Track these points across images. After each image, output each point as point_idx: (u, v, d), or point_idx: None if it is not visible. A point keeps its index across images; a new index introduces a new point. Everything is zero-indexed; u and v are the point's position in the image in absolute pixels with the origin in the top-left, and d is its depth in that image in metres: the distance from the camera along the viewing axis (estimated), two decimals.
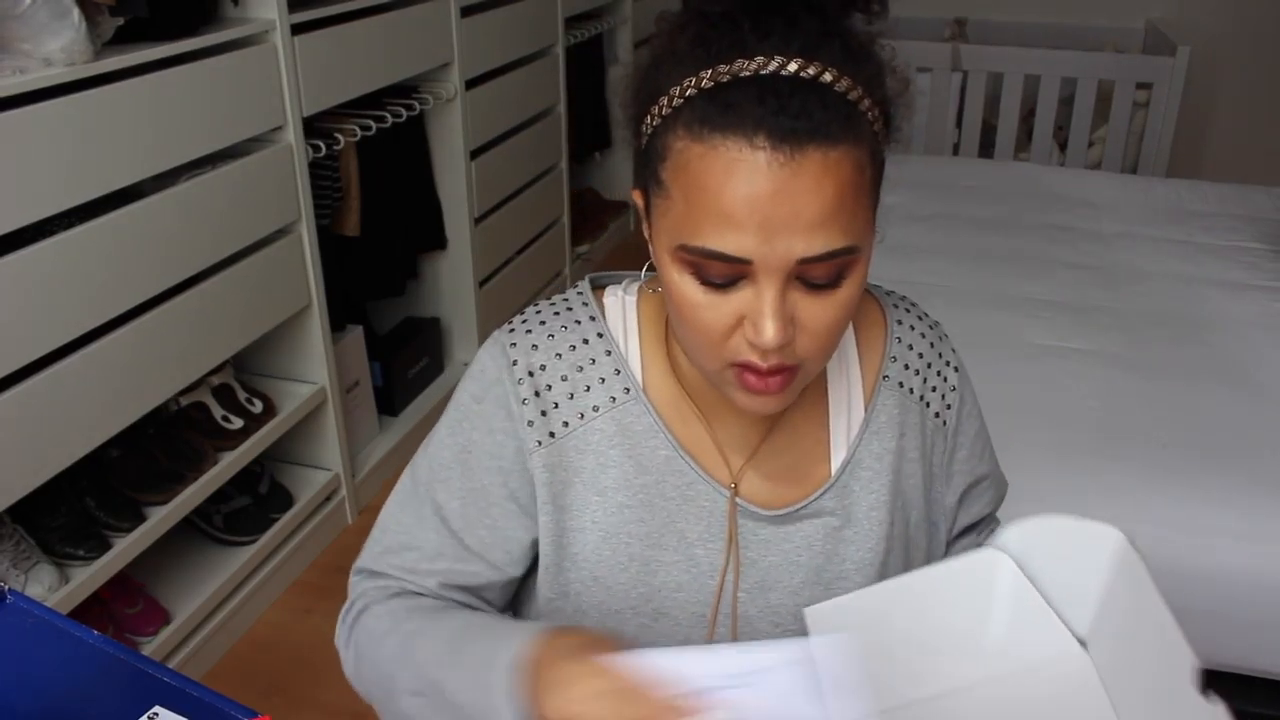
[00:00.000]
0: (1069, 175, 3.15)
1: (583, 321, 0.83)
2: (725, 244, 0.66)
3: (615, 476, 0.81)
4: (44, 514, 1.76)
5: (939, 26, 4.23)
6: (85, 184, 1.59)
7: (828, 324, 0.70)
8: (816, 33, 0.67)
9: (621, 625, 0.82)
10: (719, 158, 0.65)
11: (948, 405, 0.88)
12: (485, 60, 2.79)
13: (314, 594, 2.20)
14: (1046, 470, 1.63)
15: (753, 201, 0.64)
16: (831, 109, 0.65)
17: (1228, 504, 1.57)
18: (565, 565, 0.83)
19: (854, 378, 0.86)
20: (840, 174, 0.65)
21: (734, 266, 0.67)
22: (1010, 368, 1.92)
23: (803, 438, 0.84)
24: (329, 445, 2.37)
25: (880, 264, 2.63)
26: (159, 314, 1.78)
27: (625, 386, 0.82)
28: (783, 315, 0.68)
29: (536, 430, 0.81)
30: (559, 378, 0.81)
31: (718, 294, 0.69)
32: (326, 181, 2.33)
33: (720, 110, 0.65)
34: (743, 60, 0.66)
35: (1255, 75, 3.98)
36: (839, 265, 0.68)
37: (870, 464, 0.84)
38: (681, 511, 0.82)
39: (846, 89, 0.66)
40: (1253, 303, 2.21)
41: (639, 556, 0.82)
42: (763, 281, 0.67)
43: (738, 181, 0.64)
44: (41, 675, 0.76)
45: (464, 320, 2.91)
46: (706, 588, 0.82)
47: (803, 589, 0.83)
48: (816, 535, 0.83)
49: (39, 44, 1.50)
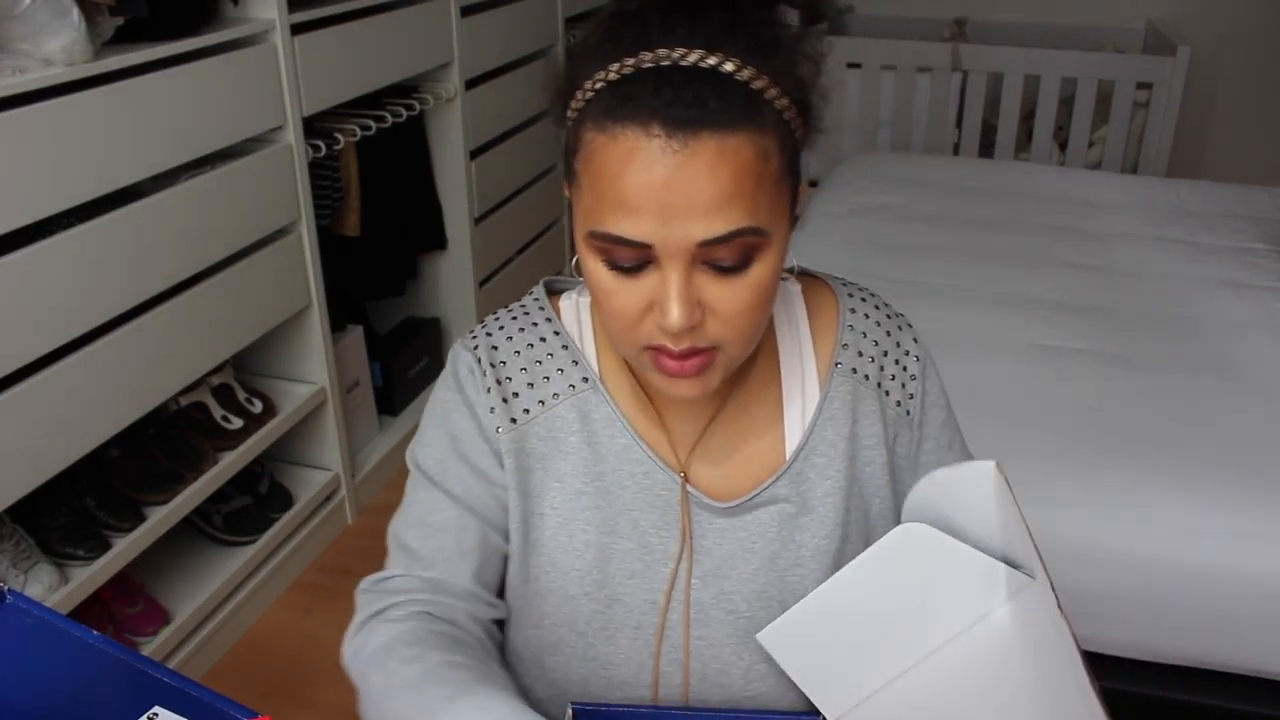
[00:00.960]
0: (1069, 175, 3.14)
1: (539, 323, 0.87)
2: (626, 229, 0.69)
3: (573, 463, 0.84)
4: (44, 514, 1.76)
5: (939, 26, 4.23)
6: (85, 184, 1.60)
7: (739, 307, 0.72)
8: (722, 26, 0.69)
9: (577, 611, 0.84)
10: (619, 146, 0.68)
11: (910, 395, 0.89)
12: (485, 60, 2.80)
13: (314, 594, 2.20)
14: (1046, 470, 1.63)
15: (649, 187, 0.67)
16: (729, 97, 0.67)
17: (1227, 504, 1.57)
18: (528, 551, 0.85)
19: (809, 366, 0.87)
20: (738, 159, 0.68)
21: (638, 251, 0.70)
22: (1010, 368, 1.92)
23: (756, 424, 0.86)
24: (329, 445, 2.37)
25: (881, 264, 2.63)
26: (159, 314, 1.78)
27: (583, 376, 0.85)
28: (687, 298, 0.70)
29: (498, 416, 0.84)
30: (519, 369, 0.85)
31: (627, 278, 0.72)
32: (326, 181, 2.33)
33: (620, 101, 0.68)
34: (645, 53, 0.68)
35: (1255, 75, 3.98)
36: (743, 246, 0.70)
37: (825, 450, 0.85)
38: (637, 500, 0.84)
39: (749, 78, 0.68)
40: (1253, 303, 2.21)
41: (595, 543, 0.84)
42: (666, 265, 0.70)
43: (635, 169, 0.67)
44: (41, 675, 0.76)
45: (464, 320, 2.91)
46: (660, 575, 0.84)
47: (756, 575, 0.84)
48: (771, 523, 0.84)
49: (38, 44, 1.50)
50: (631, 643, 0.85)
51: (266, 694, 1.96)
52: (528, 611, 0.87)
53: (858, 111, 3.92)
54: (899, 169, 3.13)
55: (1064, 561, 1.58)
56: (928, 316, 2.25)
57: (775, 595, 0.84)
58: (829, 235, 2.58)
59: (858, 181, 2.99)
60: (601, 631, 0.85)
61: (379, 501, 2.52)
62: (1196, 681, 1.60)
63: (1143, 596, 1.56)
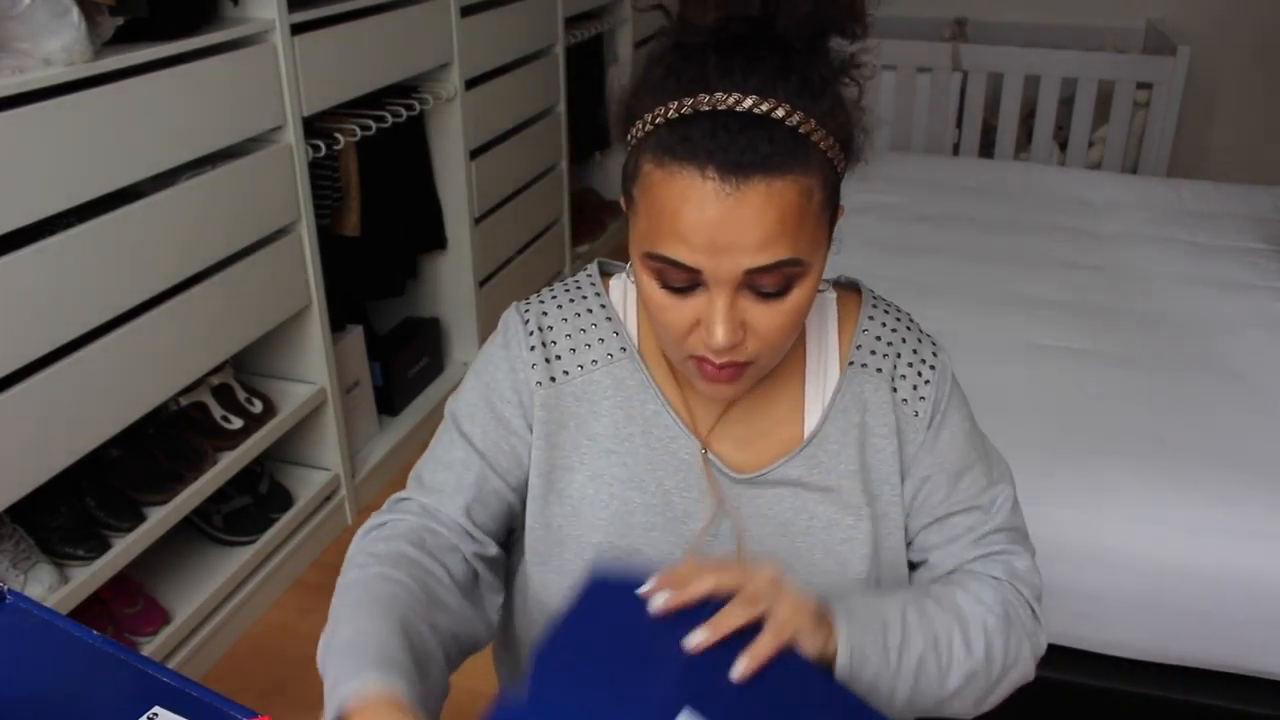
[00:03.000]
0: (1069, 175, 3.14)
1: (588, 296, 0.95)
2: (680, 254, 0.76)
3: (605, 424, 0.91)
4: (44, 514, 1.76)
5: (939, 26, 4.23)
6: (85, 184, 1.59)
7: (776, 328, 0.79)
8: (775, 69, 0.75)
9: (597, 556, 0.90)
10: (675, 184, 0.74)
11: (921, 397, 0.92)
12: (485, 60, 2.79)
13: (314, 594, 2.20)
14: (1046, 470, 1.63)
15: (702, 225, 0.74)
16: (779, 142, 0.73)
17: (1227, 504, 1.57)
18: (551, 499, 0.92)
19: (831, 363, 0.94)
20: (784, 200, 0.74)
21: (690, 274, 0.77)
22: (1010, 368, 1.92)
23: (778, 410, 0.93)
24: (329, 445, 2.37)
25: (882, 264, 2.64)
26: (159, 314, 1.78)
27: (622, 346, 0.93)
28: (732, 320, 0.77)
29: (538, 372, 0.92)
30: (564, 335, 0.93)
31: (678, 297, 0.79)
32: (326, 181, 2.33)
33: (679, 141, 0.74)
34: (703, 94, 0.74)
35: (1255, 75, 3.98)
36: (785, 275, 0.77)
37: (837, 437, 0.91)
38: (662, 461, 0.91)
39: (798, 123, 0.74)
40: (1253, 303, 2.21)
41: (619, 496, 0.90)
42: (714, 289, 0.77)
43: (690, 207, 0.74)
44: (41, 675, 0.76)
45: (464, 320, 2.91)
46: (678, 531, 0.91)
47: (766, 539, 0.91)
48: (786, 494, 0.91)
49: (38, 44, 1.50)
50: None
51: (266, 694, 1.96)
52: (547, 555, 0.93)
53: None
54: (899, 169, 3.13)
55: (1063, 561, 1.58)
56: (929, 316, 2.24)
57: (784, 559, 0.90)
58: None
59: (858, 182, 2.97)
60: None
61: (379, 501, 2.51)
62: (1196, 681, 1.60)
63: (1143, 596, 1.56)
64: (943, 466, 0.93)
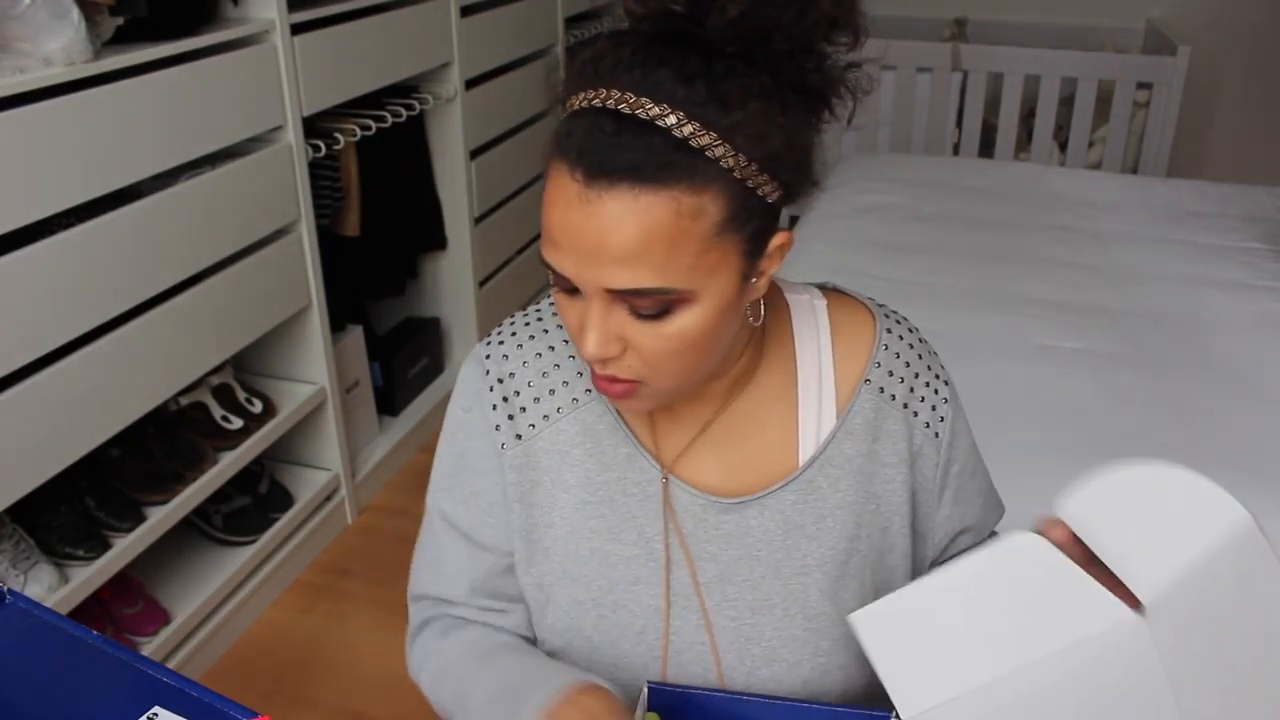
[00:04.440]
0: (1069, 175, 3.14)
1: (550, 329, 0.88)
2: (552, 259, 0.72)
3: (578, 474, 0.86)
4: (44, 514, 1.76)
5: (939, 26, 4.23)
6: (84, 184, 1.59)
7: (660, 351, 0.73)
8: (682, 73, 0.67)
9: (583, 617, 0.86)
10: (552, 182, 0.70)
11: (940, 418, 0.88)
12: (485, 60, 2.79)
13: (314, 594, 2.20)
14: (1046, 470, 1.63)
15: (566, 229, 0.69)
16: (655, 151, 0.66)
17: None
18: (536, 559, 0.87)
19: (827, 380, 0.87)
20: (649, 217, 0.66)
21: (566, 279, 0.72)
22: (1010, 368, 1.92)
23: (766, 429, 0.86)
24: (329, 445, 2.37)
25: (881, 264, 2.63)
26: (159, 313, 1.78)
27: (587, 388, 0.86)
28: (602, 331, 0.72)
29: (503, 434, 0.86)
30: (526, 383, 0.87)
31: (570, 298, 0.74)
32: (326, 181, 2.33)
33: (564, 136, 0.69)
34: (596, 90, 0.68)
35: (1255, 75, 3.98)
36: (658, 302, 0.70)
37: (840, 464, 0.85)
38: (641, 508, 0.85)
39: (690, 134, 0.66)
40: (1253, 303, 2.21)
41: (599, 550, 0.85)
42: (588, 297, 0.72)
43: (557, 208, 0.69)
44: (41, 675, 0.76)
45: (464, 320, 2.91)
46: (664, 581, 0.85)
47: (761, 582, 0.84)
48: (777, 530, 0.84)
49: (38, 44, 1.50)
50: (634, 648, 0.86)
51: (266, 694, 1.96)
52: (540, 614, 0.89)
53: (858, 112, 3.91)
54: (899, 169, 3.13)
55: None
56: (928, 316, 2.25)
57: (779, 603, 0.84)
58: (829, 235, 2.58)
59: (858, 181, 2.99)
60: (606, 636, 0.86)
61: (379, 501, 2.52)
62: None
63: None
64: (955, 491, 0.90)
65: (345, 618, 2.12)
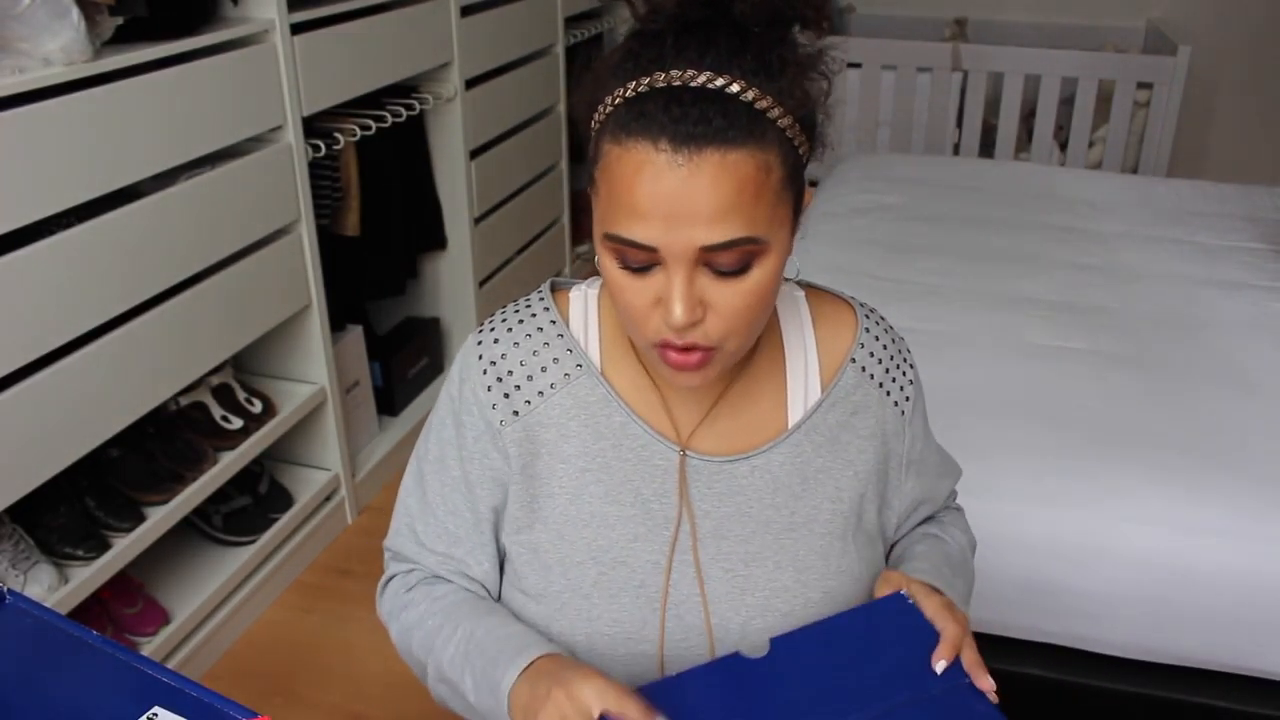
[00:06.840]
0: (1069, 175, 3.14)
1: (538, 314, 0.95)
2: (636, 233, 0.76)
3: (575, 445, 0.92)
4: (44, 514, 1.76)
5: (939, 26, 4.23)
6: (84, 184, 1.59)
7: (737, 308, 0.79)
8: (731, 48, 0.76)
9: (582, 576, 0.91)
10: (631, 159, 0.75)
11: (907, 398, 0.99)
12: (485, 60, 2.79)
13: (314, 594, 2.20)
14: (1046, 470, 1.63)
15: (656, 198, 0.74)
16: (733, 116, 0.74)
17: (1227, 504, 1.57)
18: (536, 526, 0.92)
19: (812, 360, 0.96)
20: (739, 172, 0.74)
21: (647, 253, 0.77)
22: (1010, 368, 1.92)
23: (759, 406, 0.94)
24: (329, 445, 2.37)
25: (881, 264, 2.63)
26: (159, 313, 1.78)
27: (577, 363, 0.93)
28: (690, 298, 0.77)
29: (500, 411, 0.92)
30: (518, 363, 0.93)
31: (637, 278, 0.79)
32: (326, 181, 2.33)
33: (635, 118, 0.75)
34: (659, 73, 0.76)
35: (1255, 75, 3.98)
36: (743, 254, 0.77)
37: (824, 431, 0.94)
38: (637, 471, 0.91)
39: (754, 98, 0.75)
40: (1253, 303, 2.21)
41: (599, 513, 0.91)
42: (672, 267, 0.77)
43: (644, 180, 0.75)
44: (41, 675, 0.76)
45: (464, 320, 2.91)
46: (662, 538, 0.91)
47: (753, 537, 0.92)
48: (766, 489, 0.92)
49: (38, 43, 1.50)
50: (634, 601, 0.90)
51: (266, 694, 1.96)
52: (534, 582, 0.93)
53: (857, 111, 3.92)
54: (899, 169, 3.13)
55: (1063, 561, 1.58)
56: (928, 316, 2.27)
57: (770, 556, 0.92)
58: (829, 235, 2.58)
59: (858, 181, 2.98)
60: (605, 591, 0.90)
61: (379, 502, 2.52)
62: (1198, 681, 1.60)
63: (1143, 596, 1.56)
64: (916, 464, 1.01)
65: (345, 618, 2.12)
